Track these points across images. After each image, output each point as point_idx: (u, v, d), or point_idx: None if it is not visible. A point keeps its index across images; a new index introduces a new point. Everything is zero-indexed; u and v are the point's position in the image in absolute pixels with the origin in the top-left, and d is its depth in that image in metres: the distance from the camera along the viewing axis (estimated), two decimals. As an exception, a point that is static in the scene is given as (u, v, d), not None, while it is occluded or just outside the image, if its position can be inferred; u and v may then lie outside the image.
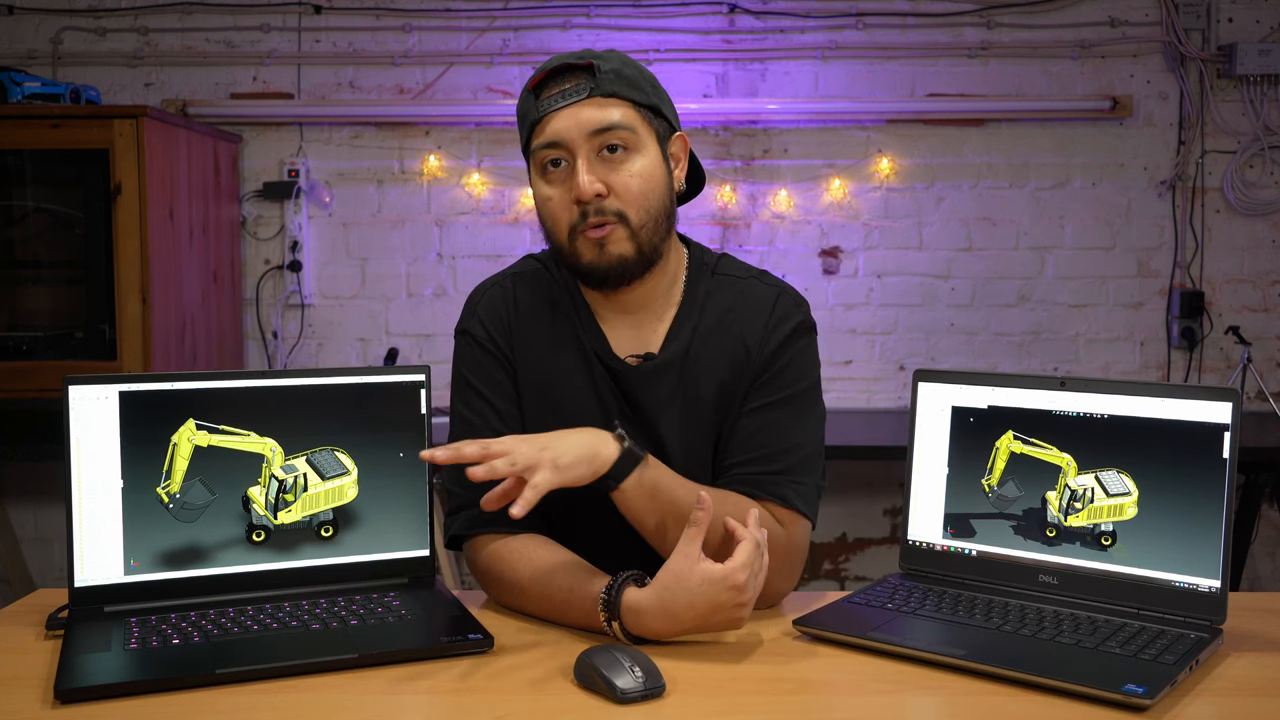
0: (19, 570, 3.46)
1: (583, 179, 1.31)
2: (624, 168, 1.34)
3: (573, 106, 1.32)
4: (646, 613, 1.20)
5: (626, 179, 1.33)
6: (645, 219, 1.35)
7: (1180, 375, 3.55)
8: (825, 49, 3.50)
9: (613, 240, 1.34)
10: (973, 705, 1.08)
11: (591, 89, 1.32)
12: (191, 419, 1.33)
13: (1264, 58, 3.40)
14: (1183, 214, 3.52)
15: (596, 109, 1.32)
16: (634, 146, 1.34)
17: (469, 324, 1.47)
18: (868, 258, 3.56)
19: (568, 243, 1.36)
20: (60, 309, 3.15)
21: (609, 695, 1.07)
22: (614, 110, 1.33)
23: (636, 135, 1.34)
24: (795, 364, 1.42)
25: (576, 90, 1.33)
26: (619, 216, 1.33)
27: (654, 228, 1.36)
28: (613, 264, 1.35)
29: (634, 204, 1.34)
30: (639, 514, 1.30)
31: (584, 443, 1.26)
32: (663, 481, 1.30)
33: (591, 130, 1.32)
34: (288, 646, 1.19)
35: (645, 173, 1.35)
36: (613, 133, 1.33)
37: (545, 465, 1.21)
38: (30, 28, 3.52)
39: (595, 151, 1.33)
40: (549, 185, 1.36)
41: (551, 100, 1.33)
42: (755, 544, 1.22)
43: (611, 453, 1.27)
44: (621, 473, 1.27)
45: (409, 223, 3.56)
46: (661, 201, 1.37)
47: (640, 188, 1.34)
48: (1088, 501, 1.31)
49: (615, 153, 1.33)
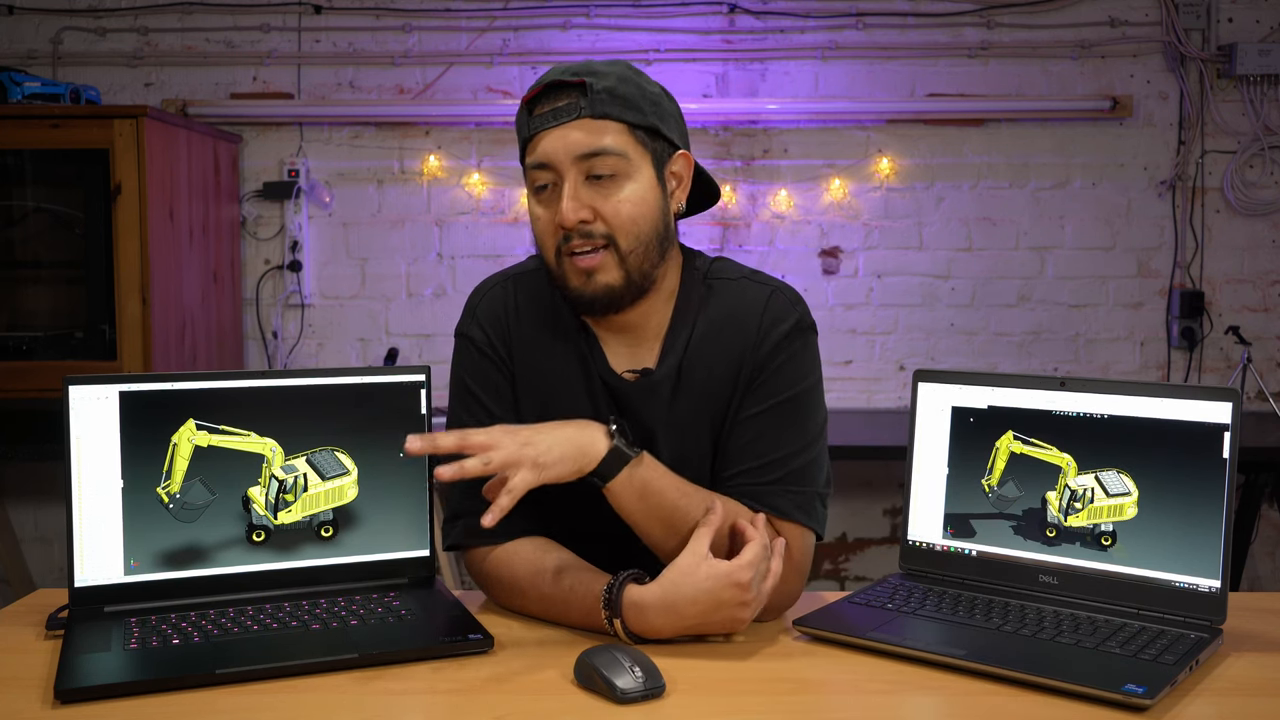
0: (19, 570, 3.46)
1: (566, 205, 1.27)
2: (614, 194, 1.28)
3: (562, 127, 1.27)
4: (650, 607, 1.20)
5: (616, 205, 1.28)
6: (635, 245, 1.30)
7: (1180, 375, 3.55)
8: (825, 49, 3.50)
9: (601, 269, 1.29)
10: (973, 705, 1.08)
11: (581, 110, 1.27)
12: (191, 419, 1.33)
13: (1264, 58, 3.40)
14: (1183, 214, 3.52)
15: (586, 132, 1.27)
16: (624, 172, 1.28)
17: (468, 327, 1.44)
18: (868, 258, 3.56)
19: (555, 265, 1.32)
20: (60, 309, 3.14)
21: (609, 695, 1.07)
22: (605, 135, 1.27)
23: (627, 160, 1.28)
24: (790, 366, 1.37)
25: (567, 110, 1.27)
26: (607, 240, 1.29)
27: (644, 254, 1.31)
28: (598, 293, 1.30)
29: (623, 230, 1.29)
30: (628, 512, 1.28)
31: (570, 438, 1.24)
32: (654, 482, 1.28)
33: (578, 155, 1.27)
34: (288, 646, 1.19)
35: (636, 198, 1.29)
36: (600, 159, 1.27)
37: (525, 464, 1.19)
38: (30, 28, 3.52)
39: (584, 175, 1.28)
40: (539, 205, 1.32)
41: (543, 119, 1.28)
42: (763, 546, 1.22)
43: (600, 449, 1.24)
44: (609, 471, 1.25)
45: (409, 223, 3.56)
46: (654, 226, 1.31)
47: (630, 214, 1.29)
48: (1088, 501, 1.31)
49: (603, 179, 1.28)
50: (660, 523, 1.28)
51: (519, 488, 1.18)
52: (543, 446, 1.21)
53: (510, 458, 1.19)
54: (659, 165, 1.33)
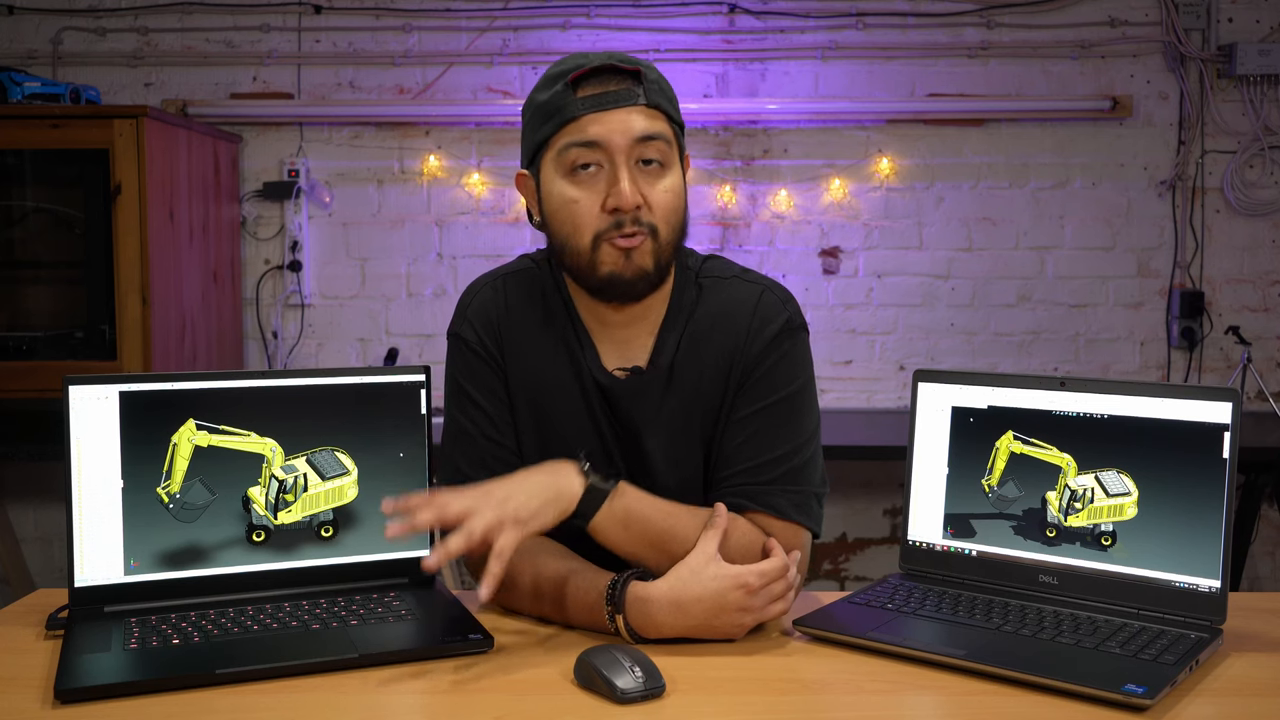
0: (19, 570, 3.45)
1: (627, 188, 1.27)
2: (659, 182, 1.30)
3: (621, 111, 1.28)
4: (655, 602, 1.20)
5: (661, 194, 1.30)
6: (671, 237, 1.32)
7: (1180, 375, 3.55)
8: (825, 49, 3.50)
9: (640, 252, 1.30)
10: (973, 705, 1.08)
11: (638, 96, 1.28)
12: (191, 419, 1.33)
13: (1264, 58, 3.40)
14: (1183, 214, 3.52)
15: (645, 117, 1.28)
16: (668, 161, 1.31)
17: (459, 327, 1.44)
18: (868, 258, 3.56)
19: (589, 249, 1.31)
20: (60, 309, 3.14)
21: (609, 695, 1.07)
22: (658, 122, 1.30)
23: (671, 151, 1.31)
24: (782, 367, 1.37)
25: (627, 95, 1.28)
26: (650, 230, 1.30)
27: (674, 246, 1.34)
28: (635, 275, 1.30)
29: (665, 220, 1.31)
30: (615, 543, 1.28)
31: (546, 486, 1.23)
32: (635, 509, 1.27)
33: (637, 137, 1.28)
34: (288, 646, 1.19)
35: (675, 189, 1.32)
36: (654, 144, 1.29)
37: (508, 524, 1.17)
38: (30, 28, 3.52)
39: (633, 161, 1.29)
40: (576, 186, 1.30)
41: (596, 100, 1.27)
42: (783, 564, 1.23)
43: (576, 490, 1.24)
44: (589, 509, 1.25)
45: (409, 223, 3.56)
46: (683, 220, 1.34)
47: (671, 204, 1.31)
48: (1088, 501, 1.31)
49: (650, 165, 1.30)
50: (649, 547, 1.28)
51: (507, 549, 1.16)
52: (520, 499, 1.19)
53: (490, 522, 1.16)
54: (682, 162, 1.36)
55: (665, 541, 1.27)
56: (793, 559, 1.27)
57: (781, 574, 1.24)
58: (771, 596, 1.23)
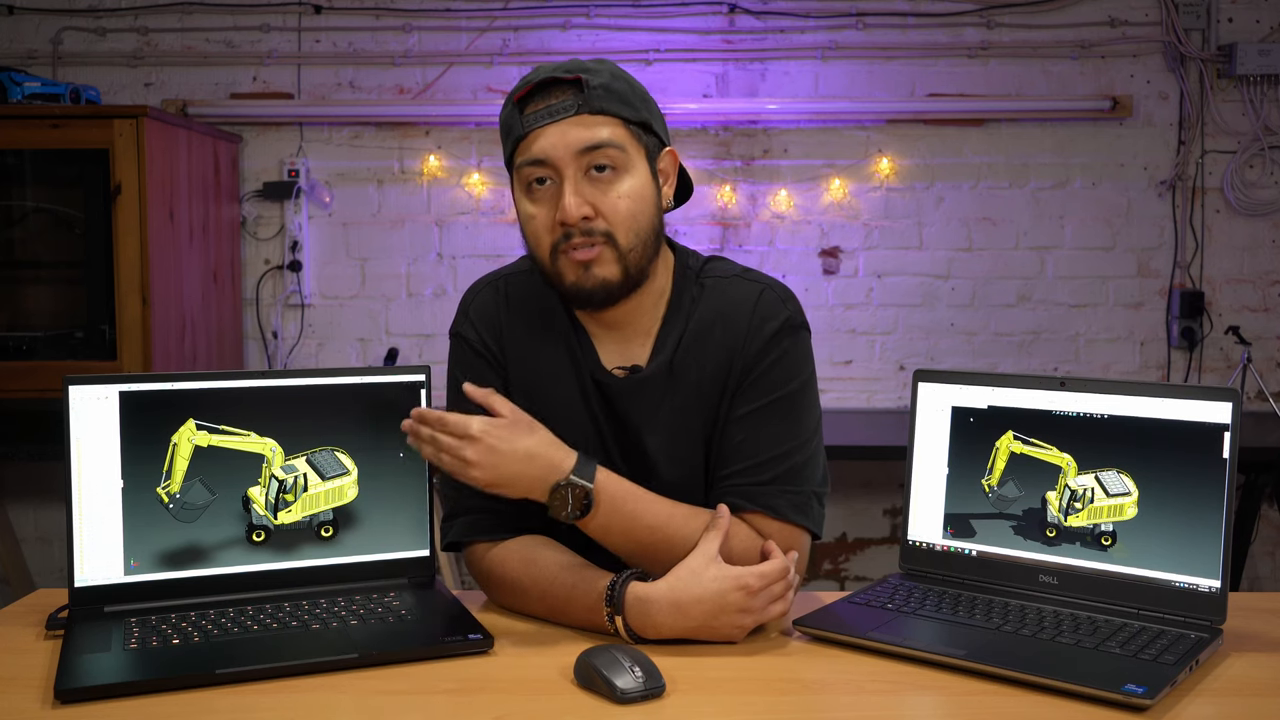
0: (19, 570, 3.45)
1: (568, 201, 1.26)
2: (613, 188, 1.28)
3: (560, 124, 1.27)
4: (654, 603, 1.20)
5: (615, 200, 1.28)
6: (634, 241, 1.30)
7: (1180, 375, 3.55)
8: (825, 49, 3.50)
9: (599, 262, 1.29)
10: (973, 705, 1.08)
11: (579, 105, 1.27)
12: (192, 419, 1.33)
13: (1264, 58, 3.40)
14: (1183, 214, 3.52)
15: (584, 127, 1.27)
16: (623, 166, 1.29)
17: (461, 326, 1.45)
18: (868, 258, 3.56)
19: (549, 262, 1.31)
20: (60, 309, 3.14)
21: (609, 695, 1.07)
22: (603, 128, 1.27)
23: (625, 154, 1.29)
24: (781, 365, 1.36)
25: (563, 107, 1.27)
26: (606, 238, 1.29)
27: (642, 250, 1.31)
28: (595, 287, 1.30)
29: (622, 226, 1.29)
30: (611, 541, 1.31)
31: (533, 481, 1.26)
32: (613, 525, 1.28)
33: (579, 149, 1.27)
34: (288, 646, 1.19)
35: (634, 193, 1.29)
36: (601, 152, 1.27)
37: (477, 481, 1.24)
38: (30, 28, 3.52)
39: (583, 171, 1.28)
40: (533, 203, 1.31)
41: (537, 116, 1.28)
42: (784, 567, 1.23)
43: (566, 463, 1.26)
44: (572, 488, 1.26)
45: (409, 223, 3.56)
46: (650, 222, 1.32)
47: (629, 209, 1.29)
48: (1088, 501, 1.31)
49: (604, 172, 1.28)
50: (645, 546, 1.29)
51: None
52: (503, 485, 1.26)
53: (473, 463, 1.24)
54: (651, 161, 1.34)
55: (662, 541, 1.27)
56: (790, 560, 1.27)
57: (782, 575, 1.24)
58: (772, 598, 1.23)
